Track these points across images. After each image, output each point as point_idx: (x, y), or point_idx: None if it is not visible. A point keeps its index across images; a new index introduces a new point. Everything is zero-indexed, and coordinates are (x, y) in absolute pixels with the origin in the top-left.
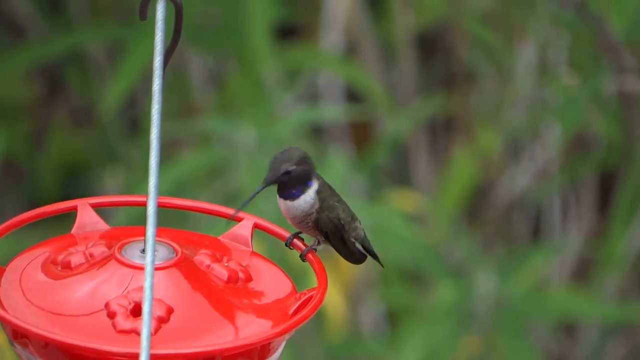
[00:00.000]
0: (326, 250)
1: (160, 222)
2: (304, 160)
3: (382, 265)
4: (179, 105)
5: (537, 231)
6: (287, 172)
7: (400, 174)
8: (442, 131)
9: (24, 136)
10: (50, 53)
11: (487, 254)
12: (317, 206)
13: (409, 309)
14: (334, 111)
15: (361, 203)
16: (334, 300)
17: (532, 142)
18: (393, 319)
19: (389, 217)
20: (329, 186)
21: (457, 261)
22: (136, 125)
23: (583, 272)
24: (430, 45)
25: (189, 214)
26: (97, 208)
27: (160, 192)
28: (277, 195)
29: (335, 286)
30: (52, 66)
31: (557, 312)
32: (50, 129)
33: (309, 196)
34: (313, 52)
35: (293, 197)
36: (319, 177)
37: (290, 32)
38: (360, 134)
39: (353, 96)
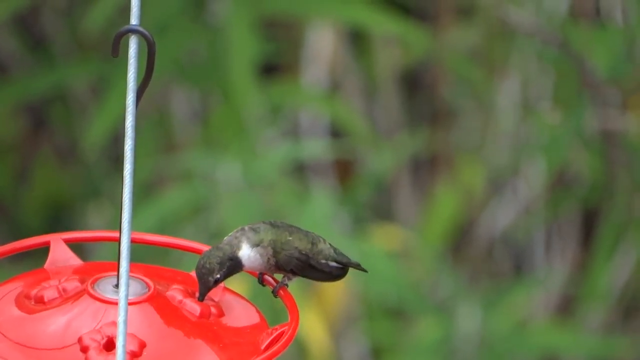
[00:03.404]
0: (309, 284)
1: (142, 257)
2: (224, 259)
3: (365, 270)
4: (162, 141)
5: (520, 266)
6: (217, 281)
7: (383, 210)
8: (425, 167)
9: (8, 172)
10: (35, 90)
11: (471, 290)
12: (270, 253)
13: (392, 344)
14: (317, 147)
15: (345, 239)
16: (317, 334)
17: (515, 178)
18: (377, 354)
19: (372, 254)
20: (274, 224)
21: (441, 297)
22: (120, 162)
23: (567, 306)
24: (414, 82)
25: (170, 251)
26: (76, 244)
27: (144, 228)
28: None
29: (319, 320)
30: (36, 102)
31: (541, 348)
32: (35, 165)
33: (253, 256)
34: (296, 89)
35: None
36: (254, 229)
37: (273, 68)
38: (344, 170)
39: (336, 132)
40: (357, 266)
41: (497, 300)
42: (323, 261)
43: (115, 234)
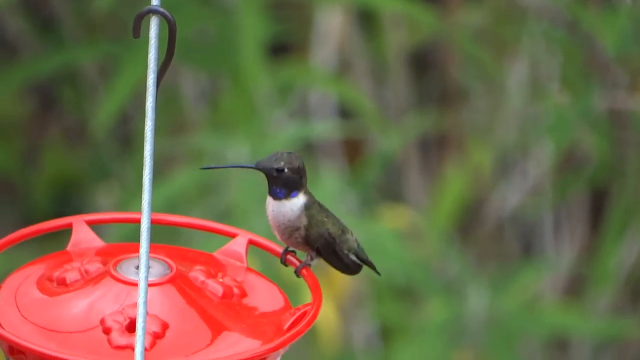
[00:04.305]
0: (319, 265)
1: (153, 238)
2: (299, 170)
3: (378, 273)
4: (171, 122)
5: (528, 247)
6: (279, 170)
7: (392, 191)
8: (434, 148)
9: (17, 154)
10: (43, 71)
11: (479, 270)
12: (305, 222)
13: (401, 325)
14: (326, 128)
15: (353, 219)
16: (327, 315)
17: (524, 159)
18: (386, 334)
19: (381, 234)
20: (318, 203)
21: (450, 277)
22: (129, 143)
23: (575, 288)
24: (423, 63)
25: (181, 231)
26: (91, 225)
27: (153, 209)
28: (267, 198)
29: (329, 302)
30: (45, 84)
31: (549, 328)
32: (44, 146)
33: (295, 206)
34: (305, 70)
35: (279, 199)
36: (308, 193)
37: (283, 49)
38: (353, 151)
39: (345, 113)
40: (372, 266)
41: (505, 281)
42: (345, 251)
43: (136, 216)
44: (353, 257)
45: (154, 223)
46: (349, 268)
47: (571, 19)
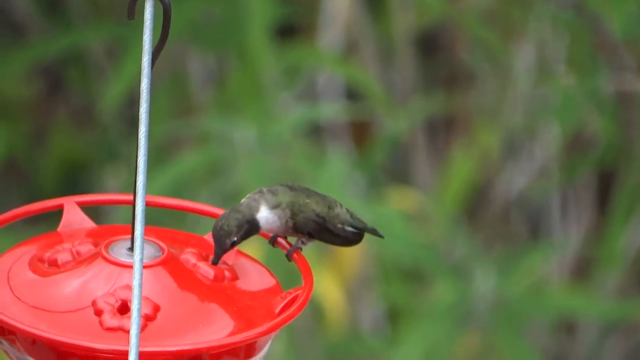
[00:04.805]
0: (325, 247)
1: (159, 222)
2: (242, 222)
3: (382, 236)
4: (178, 104)
5: (536, 230)
6: (234, 243)
7: (399, 173)
8: (442, 130)
9: (25, 136)
10: (50, 52)
11: (486, 253)
12: (288, 214)
13: (408, 307)
14: (333, 110)
15: (360, 202)
16: (333, 297)
17: (531, 141)
18: (393, 316)
19: (388, 216)
20: (291, 187)
21: (457, 260)
22: (136, 124)
23: (582, 270)
24: (430, 45)
25: (186, 215)
26: (91, 207)
27: (159, 191)
28: None
29: (335, 284)
30: (52, 65)
31: (556, 311)
32: (51, 128)
33: (271, 219)
34: (312, 51)
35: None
36: (272, 191)
37: (290, 31)
38: (360, 133)
39: (352, 95)
40: (373, 231)
41: (512, 263)
42: (339, 225)
43: (130, 197)
44: (349, 229)
45: (147, 205)
46: (349, 240)
47: (578, 1)
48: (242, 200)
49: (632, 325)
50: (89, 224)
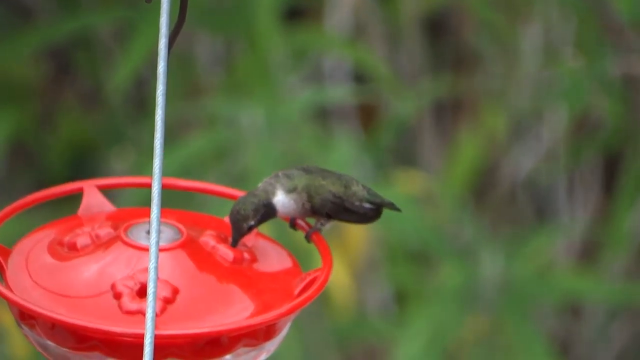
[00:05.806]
0: (333, 230)
1: (166, 203)
2: (259, 206)
3: (399, 210)
4: (186, 86)
5: (542, 212)
6: (251, 227)
7: (406, 155)
8: (449, 112)
9: (32, 118)
10: (59, 35)
11: (493, 235)
12: (305, 198)
13: (415, 289)
14: (340, 93)
15: (367, 184)
16: (340, 280)
17: (538, 123)
18: (400, 299)
19: (395, 198)
20: (307, 169)
21: (463, 242)
22: (144, 107)
23: (589, 253)
24: (437, 27)
25: (194, 196)
26: (103, 189)
27: (167, 173)
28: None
29: (342, 266)
30: (60, 48)
31: (563, 293)
32: (59, 111)
33: (287, 202)
34: (320, 34)
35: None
36: (288, 175)
37: (297, 13)
38: (367, 116)
39: (360, 78)
40: (391, 205)
41: (519, 246)
42: (357, 203)
43: (148, 180)
44: (367, 205)
45: (164, 188)
46: (367, 217)
47: None
48: (259, 184)
49: (639, 308)
50: (109, 207)
